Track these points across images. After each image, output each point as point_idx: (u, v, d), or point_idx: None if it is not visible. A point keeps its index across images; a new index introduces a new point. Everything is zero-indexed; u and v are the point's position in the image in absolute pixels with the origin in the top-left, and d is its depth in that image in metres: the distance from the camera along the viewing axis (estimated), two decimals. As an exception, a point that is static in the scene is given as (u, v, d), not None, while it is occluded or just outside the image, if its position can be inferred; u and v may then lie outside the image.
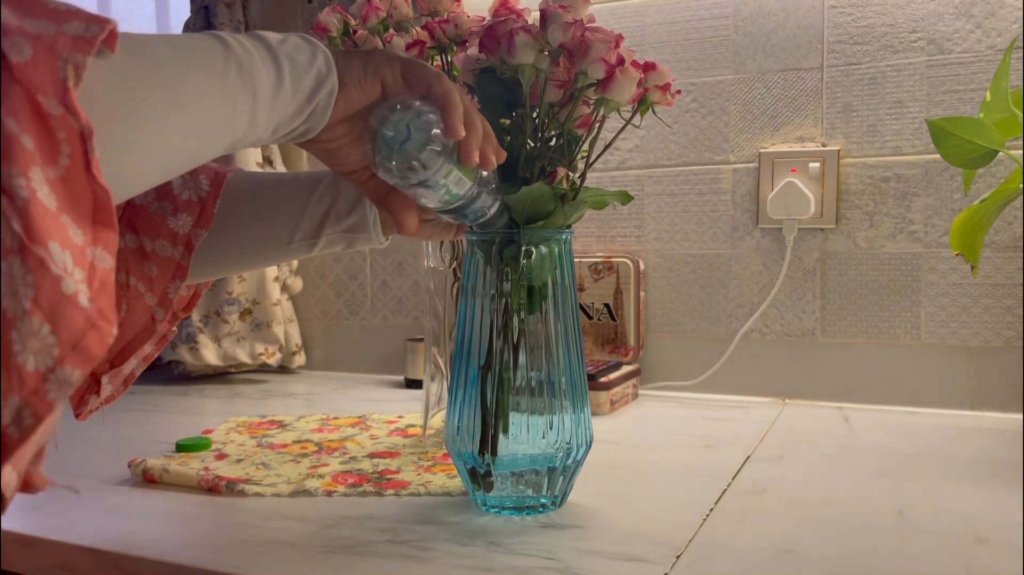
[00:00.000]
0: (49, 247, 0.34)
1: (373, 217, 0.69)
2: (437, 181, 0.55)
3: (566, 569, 0.54)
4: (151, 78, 0.43)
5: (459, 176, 0.56)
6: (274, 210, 0.70)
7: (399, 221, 0.59)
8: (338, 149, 0.56)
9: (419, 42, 0.73)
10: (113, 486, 0.75)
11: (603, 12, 1.18)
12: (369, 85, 0.54)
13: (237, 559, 0.57)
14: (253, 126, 0.49)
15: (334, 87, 0.52)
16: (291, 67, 0.49)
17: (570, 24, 0.60)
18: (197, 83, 0.44)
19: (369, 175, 0.58)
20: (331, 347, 1.40)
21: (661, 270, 1.16)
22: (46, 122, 0.36)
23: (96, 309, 0.36)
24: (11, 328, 0.33)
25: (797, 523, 0.63)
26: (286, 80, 0.49)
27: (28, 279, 0.33)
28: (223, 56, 0.46)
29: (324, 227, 0.69)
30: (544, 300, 0.65)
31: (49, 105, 0.35)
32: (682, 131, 1.15)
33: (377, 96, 0.54)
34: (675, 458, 0.82)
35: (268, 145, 1.33)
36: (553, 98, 0.64)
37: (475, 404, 0.65)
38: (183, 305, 0.71)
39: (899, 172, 1.04)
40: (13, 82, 0.35)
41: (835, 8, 1.06)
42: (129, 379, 0.67)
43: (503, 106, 0.64)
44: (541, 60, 0.61)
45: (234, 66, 0.46)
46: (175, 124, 0.44)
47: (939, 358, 1.03)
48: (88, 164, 0.37)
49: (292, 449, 0.86)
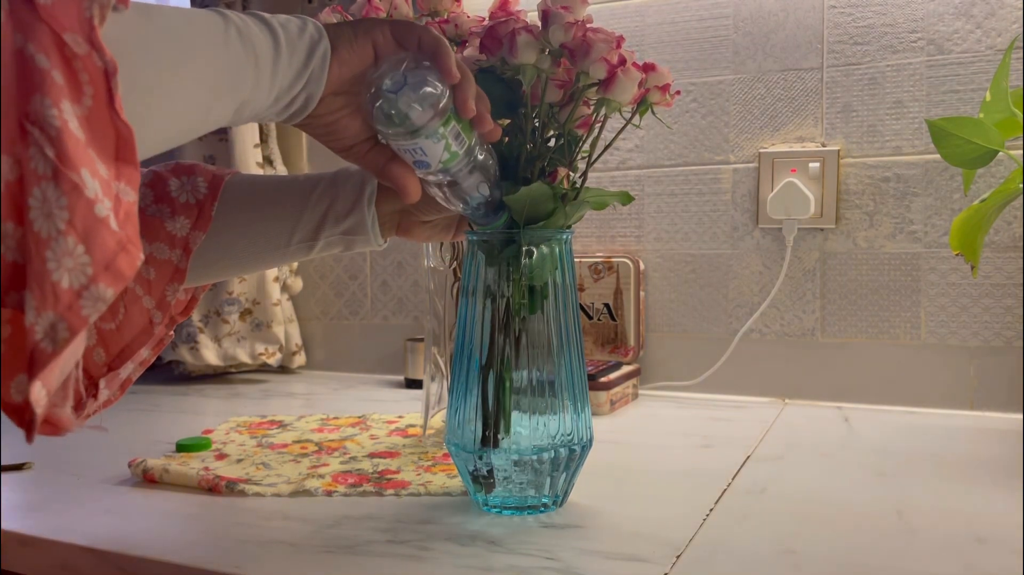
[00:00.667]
0: (82, 173, 0.36)
1: (372, 219, 0.69)
2: (436, 130, 0.56)
3: (566, 569, 0.54)
4: (161, 34, 0.45)
5: (457, 130, 0.57)
6: (272, 212, 0.70)
7: (401, 187, 0.59)
8: (336, 122, 0.57)
9: None
10: (113, 486, 0.75)
11: (603, 12, 1.18)
12: (360, 46, 0.55)
13: (237, 559, 0.57)
14: (257, 87, 0.50)
15: (327, 50, 0.53)
16: (285, 34, 0.51)
17: (571, 24, 0.60)
18: (203, 41, 0.47)
19: (368, 148, 0.59)
20: (331, 347, 1.40)
21: (661, 270, 1.17)
22: (70, 63, 0.37)
23: (125, 234, 0.38)
24: (45, 247, 0.35)
25: (797, 523, 0.63)
26: (282, 45, 0.51)
27: (63, 202, 0.35)
28: (223, 23, 0.48)
29: (322, 229, 0.69)
30: (544, 300, 0.65)
31: (75, 43, 0.37)
32: (682, 131, 1.15)
33: (370, 59, 0.56)
34: (675, 458, 0.82)
35: (268, 144, 1.33)
36: (553, 98, 0.64)
37: (475, 404, 0.65)
38: (180, 309, 0.70)
39: (899, 172, 1.04)
40: (40, 21, 0.36)
41: (835, 8, 1.06)
42: (126, 383, 0.67)
43: (503, 106, 0.64)
44: (543, 60, 0.61)
45: (234, 31, 0.49)
46: (185, 77, 0.45)
47: (939, 358, 1.03)
48: (111, 100, 0.38)
49: (292, 449, 0.86)
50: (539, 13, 0.62)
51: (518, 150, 0.64)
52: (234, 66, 0.48)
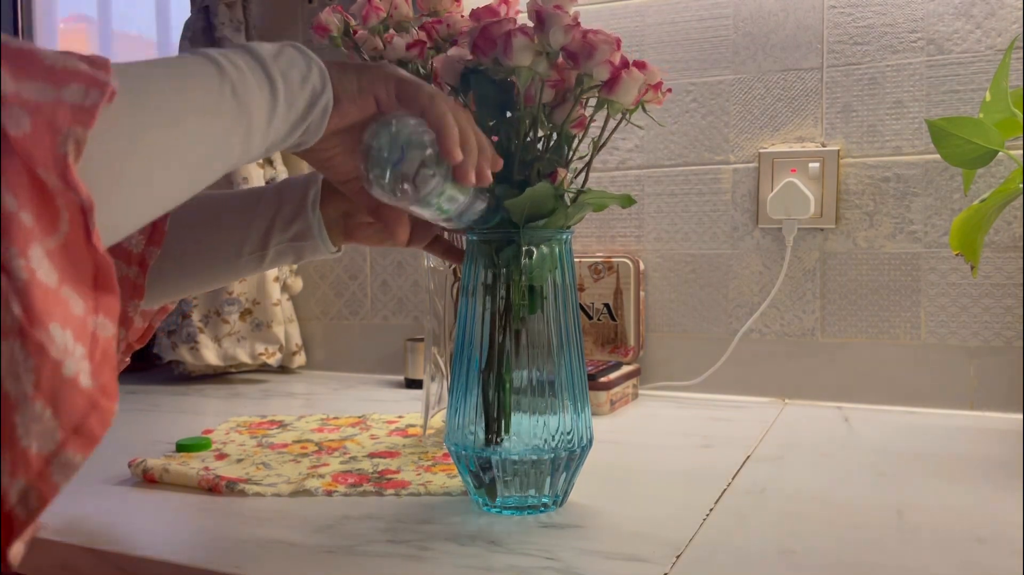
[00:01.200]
0: (50, 329, 0.34)
1: (318, 223, 0.68)
2: (430, 201, 0.55)
3: (566, 569, 0.54)
4: (148, 119, 0.43)
5: (452, 194, 0.56)
6: (222, 224, 0.69)
7: (391, 232, 0.59)
8: (331, 158, 0.56)
9: (419, 42, 0.73)
10: (113, 486, 0.75)
11: (603, 12, 1.18)
12: (363, 100, 0.53)
13: (237, 559, 0.57)
14: (247, 149, 0.49)
15: (328, 103, 0.52)
16: (285, 86, 0.49)
17: (571, 26, 0.60)
18: (193, 119, 0.45)
19: (360, 186, 0.58)
20: (331, 347, 1.40)
21: (661, 270, 1.17)
22: (44, 191, 0.35)
23: (98, 386, 0.36)
24: (14, 411, 0.33)
25: (797, 523, 0.63)
26: (280, 100, 0.49)
27: (29, 363, 0.34)
28: (218, 80, 0.46)
29: (270, 237, 0.69)
30: (544, 300, 0.65)
31: (48, 178, 0.35)
32: (682, 131, 1.15)
33: (372, 112, 0.54)
34: (675, 458, 0.82)
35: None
36: (546, 99, 0.64)
37: (475, 404, 0.65)
38: (137, 336, 0.70)
39: (899, 172, 1.04)
40: (12, 155, 0.34)
41: (835, 8, 1.06)
42: None
43: (495, 108, 0.64)
44: (538, 63, 0.61)
45: (228, 90, 0.46)
46: (172, 162, 0.44)
47: (939, 358, 1.03)
48: (89, 236, 0.37)
49: (292, 449, 0.86)
50: (532, 14, 0.61)
51: (512, 152, 0.64)
52: (225, 135, 0.47)
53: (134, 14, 1.73)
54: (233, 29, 1.29)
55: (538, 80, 0.62)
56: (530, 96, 0.63)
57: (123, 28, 1.75)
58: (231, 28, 1.29)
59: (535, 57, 0.60)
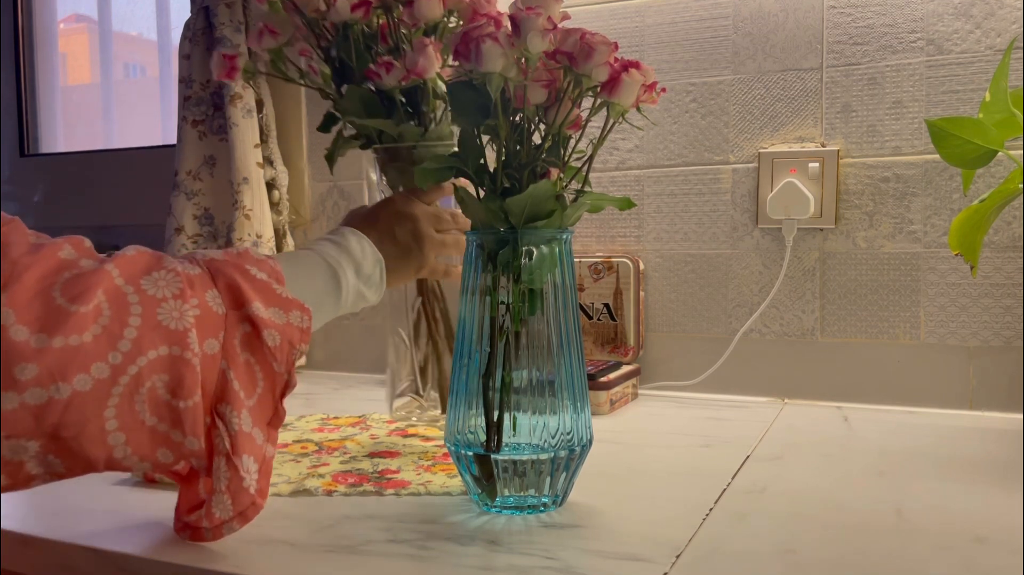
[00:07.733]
0: (243, 459, 0.56)
1: None
2: None
3: (566, 569, 0.54)
4: None
5: None
6: None
7: None
8: None
9: (364, 2, 0.73)
10: (113, 486, 0.75)
11: (603, 12, 1.18)
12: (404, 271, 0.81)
13: (237, 559, 0.57)
14: None
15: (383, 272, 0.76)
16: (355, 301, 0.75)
17: (548, 31, 0.59)
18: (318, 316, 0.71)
19: None
20: (331, 347, 1.40)
21: (661, 270, 1.17)
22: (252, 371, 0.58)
23: (258, 490, 0.57)
24: (212, 494, 0.56)
25: (797, 523, 0.63)
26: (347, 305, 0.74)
27: (227, 474, 0.56)
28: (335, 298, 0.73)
29: None
30: (544, 300, 0.65)
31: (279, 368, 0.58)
32: (682, 131, 1.15)
33: None
34: (675, 458, 0.82)
35: (268, 144, 1.33)
36: (539, 99, 0.63)
37: (476, 404, 0.65)
38: None
39: (898, 172, 1.04)
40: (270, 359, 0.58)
41: (835, 8, 1.06)
42: None
43: (477, 113, 0.63)
44: (509, 68, 0.60)
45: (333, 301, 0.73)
46: None
47: (938, 358, 1.03)
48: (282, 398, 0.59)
49: (292, 449, 0.86)
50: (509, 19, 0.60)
51: (509, 156, 0.64)
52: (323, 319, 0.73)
53: (134, 14, 1.73)
54: (233, 29, 1.29)
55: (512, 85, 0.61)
56: (508, 101, 0.62)
57: (123, 28, 1.75)
58: (231, 28, 1.29)
59: (506, 63, 0.60)
